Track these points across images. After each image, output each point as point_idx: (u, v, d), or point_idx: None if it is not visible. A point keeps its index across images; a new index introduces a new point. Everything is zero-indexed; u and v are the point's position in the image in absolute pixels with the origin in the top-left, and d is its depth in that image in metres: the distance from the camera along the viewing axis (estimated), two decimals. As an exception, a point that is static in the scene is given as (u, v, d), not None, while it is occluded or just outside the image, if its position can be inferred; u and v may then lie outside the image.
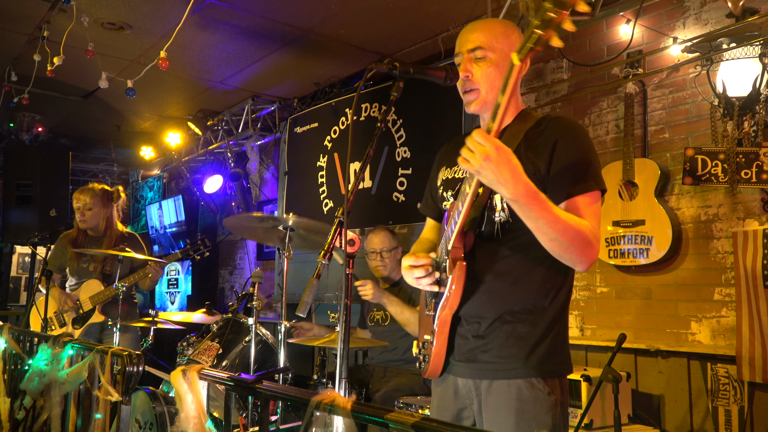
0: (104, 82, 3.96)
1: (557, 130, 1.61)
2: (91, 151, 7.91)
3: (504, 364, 1.58)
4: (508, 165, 1.36)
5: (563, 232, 1.46)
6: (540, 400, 1.56)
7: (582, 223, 1.50)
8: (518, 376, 1.57)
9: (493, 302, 1.61)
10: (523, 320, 1.60)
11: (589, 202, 1.55)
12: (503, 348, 1.59)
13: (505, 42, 1.66)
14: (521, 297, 1.61)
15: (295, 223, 2.98)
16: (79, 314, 3.85)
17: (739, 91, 2.94)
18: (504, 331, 1.60)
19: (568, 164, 1.56)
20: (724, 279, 3.09)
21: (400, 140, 4.46)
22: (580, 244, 1.49)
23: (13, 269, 8.17)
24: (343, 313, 1.47)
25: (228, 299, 6.77)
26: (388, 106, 1.54)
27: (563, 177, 1.56)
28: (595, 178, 1.57)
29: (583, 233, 1.48)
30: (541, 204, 1.43)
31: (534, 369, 1.57)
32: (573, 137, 1.60)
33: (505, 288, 1.61)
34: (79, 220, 3.94)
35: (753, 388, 2.91)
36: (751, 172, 2.84)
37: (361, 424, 1.30)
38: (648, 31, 3.45)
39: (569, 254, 1.50)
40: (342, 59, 4.72)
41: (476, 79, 1.66)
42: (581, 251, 1.50)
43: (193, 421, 1.81)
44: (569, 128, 1.63)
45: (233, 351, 3.21)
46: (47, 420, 2.61)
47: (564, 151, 1.57)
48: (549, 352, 1.59)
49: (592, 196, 1.56)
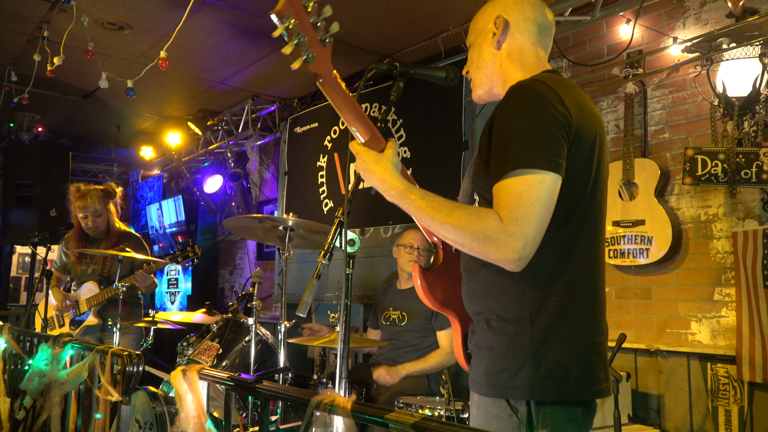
0: (104, 82, 3.96)
1: (498, 105, 1.40)
2: (91, 151, 7.92)
3: (475, 376, 1.43)
4: (372, 171, 1.45)
5: (444, 230, 1.32)
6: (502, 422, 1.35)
7: (478, 218, 1.28)
8: (483, 393, 1.40)
9: (470, 304, 1.49)
10: (493, 328, 1.39)
11: (503, 189, 1.28)
12: (477, 357, 1.44)
13: (480, 19, 1.60)
14: (487, 301, 1.42)
15: (295, 223, 2.98)
16: (77, 315, 3.86)
17: (739, 91, 2.94)
18: (480, 337, 1.42)
19: (492, 146, 1.35)
20: (724, 279, 3.09)
21: (400, 140, 4.46)
22: (472, 243, 1.28)
23: (13, 269, 8.17)
24: (343, 313, 1.47)
25: (228, 299, 6.77)
26: (388, 106, 1.54)
27: (491, 161, 1.35)
28: (516, 157, 1.28)
29: (472, 230, 1.27)
30: (411, 203, 1.38)
31: (494, 388, 1.36)
32: (500, 110, 1.37)
33: (474, 289, 1.46)
34: (91, 226, 3.87)
35: (753, 388, 2.91)
36: (751, 172, 2.84)
37: (361, 424, 1.30)
38: (648, 31, 3.45)
39: (474, 254, 1.32)
40: (342, 59, 4.72)
41: (470, 68, 1.61)
42: (480, 251, 1.28)
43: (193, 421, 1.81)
44: (503, 101, 1.40)
45: (233, 351, 3.21)
46: (47, 420, 2.60)
47: (492, 131, 1.37)
48: (516, 369, 1.33)
49: (512, 181, 1.26)
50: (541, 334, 1.33)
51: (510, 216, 1.24)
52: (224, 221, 3.19)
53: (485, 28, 1.57)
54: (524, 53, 1.54)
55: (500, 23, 1.53)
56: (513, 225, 1.24)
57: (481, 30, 1.58)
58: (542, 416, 1.32)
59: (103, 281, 3.90)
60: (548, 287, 1.34)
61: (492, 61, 1.56)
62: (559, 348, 1.33)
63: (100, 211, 3.86)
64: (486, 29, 1.57)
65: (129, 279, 3.69)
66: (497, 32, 1.54)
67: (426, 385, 3.32)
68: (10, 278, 8.11)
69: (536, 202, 1.25)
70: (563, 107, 1.33)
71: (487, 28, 1.56)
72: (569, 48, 3.81)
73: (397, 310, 3.51)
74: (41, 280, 3.85)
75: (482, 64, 1.57)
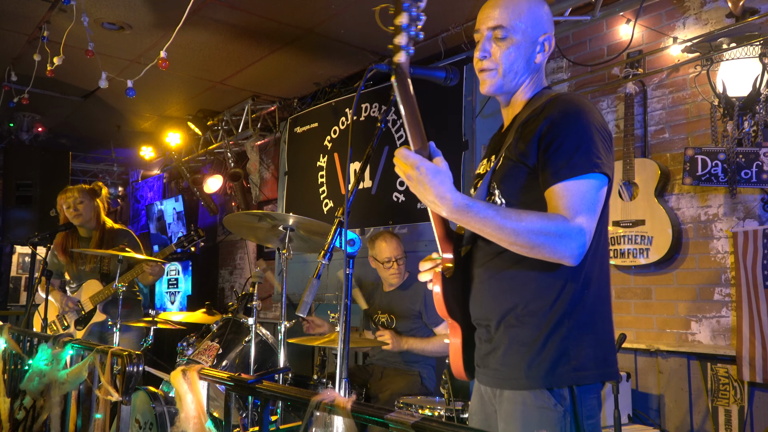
0: (104, 82, 3.96)
1: (548, 111, 1.49)
2: (91, 151, 7.92)
3: (508, 373, 1.50)
4: (431, 185, 1.35)
5: (516, 235, 1.36)
6: (545, 411, 1.43)
7: (548, 219, 1.37)
8: (521, 387, 1.47)
9: (493, 304, 1.54)
10: (526, 323, 1.48)
11: (566, 189, 1.40)
12: (507, 354, 1.50)
13: (529, 20, 1.57)
14: (519, 298, 1.49)
15: (295, 223, 2.98)
16: (81, 315, 3.86)
17: (739, 91, 2.94)
18: (508, 335, 1.50)
19: (551, 150, 1.44)
20: (724, 279, 3.09)
21: (400, 140, 4.46)
22: (544, 242, 1.36)
23: (13, 269, 8.17)
24: (343, 313, 1.47)
25: (228, 299, 6.77)
26: (388, 106, 1.53)
27: (546, 164, 1.44)
28: (582, 162, 1.41)
29: (545, 230, 1.35)
30: (475, 216, 1.37)
31: (536, 380, 1.45)
32: (560, 117, 1.47)
33: (502, 288, 1.52)
34: (74, 216, 3.95)
35: (753, 388, 2.91)
36: (751, 172, 2.84)
37: (361, 424, 1.30)
38: (648, 31, 3.45)
39: (540, 255, 1.38)
40: (342, 59, 4.72)
41: (495, 59, 1.57)
42: (551, 249, 1.36)
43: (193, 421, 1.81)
44: (559, 108, 1.49)
45: (233, 351, 3.21)
46: (47, 420, 2.60)
47: (548, 136, 1.45)
48: (556, 359, 1.44)
49: (576, 183, 1.40)
50: (579, 324, 1.46)
51: (575, 214, 1.37)
52: (224, 218, 3.19)
53: (531, 36, 1.58)
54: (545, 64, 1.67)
55: (547, 47, 1.60)
56: (578, 222, 1.37)
57: (525, 32, 1.57)
58: (583, 400, 1.44)
59: (105, 278, 3.92)
60: (583, 280, 1.47)
61: (527, 67, 1.60)
62: (594, 335, 1.47)
63: (81, 199, 3.97)
64: (532, 37, 1.58)
65: (137, 268, 3.72)
66: (545, 51, 1.60)
67: (419, 383, 3.33)
68: (10, 278, 8.11)
69: (596, 203, 1.42)
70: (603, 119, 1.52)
71: (534, 38, 1.58)
72: (569, 48, 3.81)
73: (385, 313, 3.52)
74: (41, 280, 3.85)
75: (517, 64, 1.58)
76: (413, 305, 3.42)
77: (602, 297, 1.52)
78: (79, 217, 3.97)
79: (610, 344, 1.52)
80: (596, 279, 1.50)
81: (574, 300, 1.46)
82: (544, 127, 1.46)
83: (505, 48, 1.57)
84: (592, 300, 1.48)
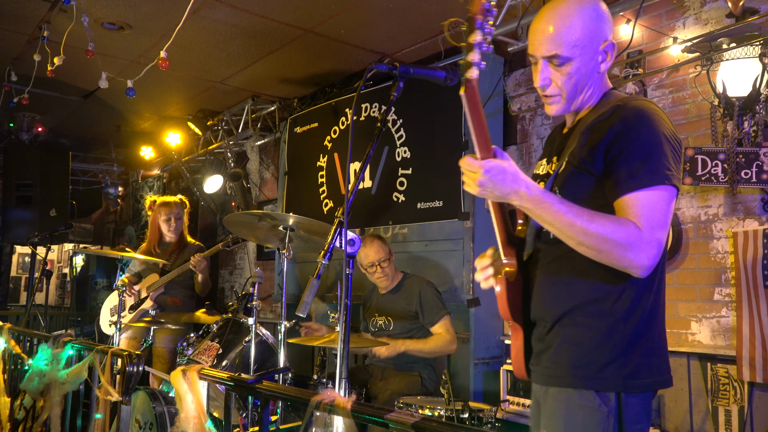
0: (104, 82, 3.96)
1: (617, 119, 1.47)
2: (91, 151, 7.92)
3: (555, 371, 1.51)
4: (502, 182, 1.36)
5: (585, 235, 1.36)
6: (589, 411, 1.44)
7: (619, 225, 1.37)
8: (567, 385, 1.48)
9: (550, 304, 1.55)
10: (580, 324, 1.49)
11: (638, 200, 1.39)
12: (557, 353, 1.51)
13: (586, 35, 1.50)
14: (577, 300, 1.50)
15: (295, 223, 2.98)
16: (136, 301, 4.12)
17: (739, 91, 2.93)
18: (562, 335, 1.51)
19: (621, 159, 1.42)
20: (724, 279, 3.09)
21: (400, 140, 4.46)
22: (612, 248, 1.36)
23: (13, 269, 8.18)
24: (343, 313, 1.47)
25: (228, 299, 6.77)
26: (388, 106, 1.54)
27: (614, 173, 1.43)
28: (653, 173, 1.40)
29: (615, 236, 1.35)
30: (549, 208, 1.37)
31: (583, 380, 1.46)
32: (630, 124, 1.45)
33: (559, 290, 1.53)
34: (172, 228, 4.22)
35: (753, 388, 2.91)
36: (751, 172, 2.84)
37: (361, 424, 1.30)
38: (648, 31, 3.45)
39: (604, 260, 1.38)
40: (342, 59, 4.72)
41: (557, 86, 1.55)
42: (616, 256, 1.36)
43: (193, 421, 1.81)
44: (628, 114, 1.46)
45: (233, 351, 3.21)
46: (47, 420, 2.61)
47: (617, 144, 1.44)
48: (606, 363, 1.44)
49: (647, 193, 1.39)
50: (635, 331, 1.47)
51: (648, 226, 1.37)
52: (224, 218, 3.19)
53: (591, 49, 1.52)
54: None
55: (610, 54, 1.56)
56: (651, 234, 1.37)
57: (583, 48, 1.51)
58: (630, 405, 1.44)
59: (162, 272, 4.21)
60: (645, 288, 1.49)
61: (591, 78, 1.56)
62: (648, 343, 1.48)
63: (180, 215, 4.29)
64: (592, 50, 1.52)
65: (184, 265, 4.02)
66: (607, 59, 1.56)
67: (419, 383, 3.32)
68: (10, 278, 8.11)
69: (667, 214, 1.42)
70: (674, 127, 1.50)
71: (594, 49, 1.53)
72: (569, 48, 3.81)
73: (382, 316, 3.52)
74: (41, 280, 3.88)
75: (580, 84, 1.55)
76: (409, 306, 3.42)
77: (659, 304, 1.53)
78: (175, 232, 4.24)
79: (663, 352, 1.53)
80: (656, 288, 1.52)
81: (632, 307, 1.47)
82: (613, 134, 1.44)
83: (565, 74, 1.53)
84: (650, 308, 1.50)
